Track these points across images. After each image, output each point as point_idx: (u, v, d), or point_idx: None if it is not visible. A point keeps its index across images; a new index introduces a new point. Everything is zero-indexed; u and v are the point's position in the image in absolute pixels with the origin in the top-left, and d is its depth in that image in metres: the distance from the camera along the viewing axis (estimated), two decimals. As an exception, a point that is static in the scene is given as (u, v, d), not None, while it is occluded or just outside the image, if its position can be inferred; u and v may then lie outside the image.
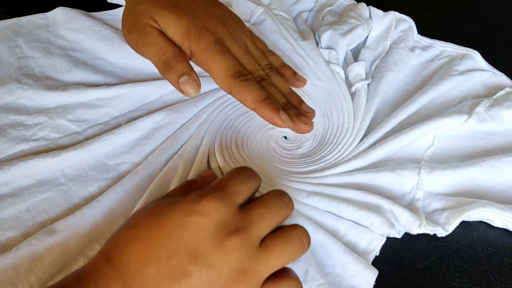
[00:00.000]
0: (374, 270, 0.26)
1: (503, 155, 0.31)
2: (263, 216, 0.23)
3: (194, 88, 0.29)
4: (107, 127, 0.34)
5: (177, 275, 0.21)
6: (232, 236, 0.21)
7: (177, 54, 0.30)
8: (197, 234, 0.21)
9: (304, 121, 0.30)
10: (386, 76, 0.36)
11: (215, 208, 0.22)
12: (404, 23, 0.41)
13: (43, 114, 0.34)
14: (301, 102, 0.32)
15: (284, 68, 0.34)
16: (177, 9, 0.31)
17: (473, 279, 0.28)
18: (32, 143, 0.32)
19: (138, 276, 0.21)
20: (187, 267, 0.21)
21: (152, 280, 0.20)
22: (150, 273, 0.21)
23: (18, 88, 0.35)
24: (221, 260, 0.21)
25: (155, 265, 0.21)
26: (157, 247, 0.21)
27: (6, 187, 0.29)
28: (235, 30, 0.32)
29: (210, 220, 0.21)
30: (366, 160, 0.32)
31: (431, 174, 0.31)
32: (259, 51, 0.34)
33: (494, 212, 0.29)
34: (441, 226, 0.28)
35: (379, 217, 0.28)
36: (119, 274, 0.21)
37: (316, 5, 0.44)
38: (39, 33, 0.39)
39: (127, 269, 0.21)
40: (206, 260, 0.21)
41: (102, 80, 0.37)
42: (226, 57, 0.30)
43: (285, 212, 0.24)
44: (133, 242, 0.21)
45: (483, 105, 0.33)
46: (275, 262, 0.22)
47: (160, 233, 0.21)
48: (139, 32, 0.30)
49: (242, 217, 0.22)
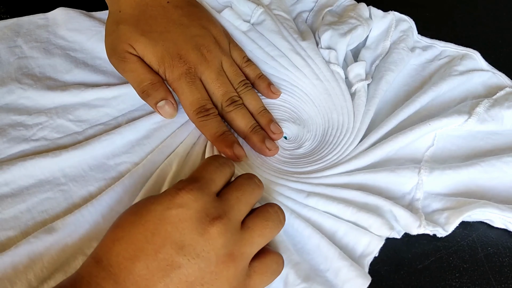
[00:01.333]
0: (367, 278, 0.26)
1: (503, 155, 0.31)
2: (240, 199, 0.24)
3: (170, 111, 0.32)
4: (107, 127, 0.34)
5: (167, 268, 0.21)
6: (215, 222, 0.22)
7: (154, 82, 0.32)
8: (181, 225, 0.22)
9: (268, 147, 0.32)
10: (386, 76, 0.36)
11: (194, 199, 0.23)
12: (404, 23, 0.41)
13: (43, 114, 0.34)
14: (270, 122, 0.33)
15: (259, 79, 0.36)
16: (153, 35, 0.32)
17: (473, 279, 0.28)
18: (32, 143, 0.32)
19: (128, 274, 0.21)
20: (175, 259, 0.21)
21: (143, 276, 0.21)
22: (139, 269, 0.21)
23: (18, 88, 0.35)
24: (207, 247, 0.22)
25: (144, 261, 0.21)
26: (143, 244, 0.21)
27: (6, 187, 0.29)
28: (210, 51, 0.33)
29: (191, 211, 0.22)
30: (366, 160, 0.32)
31: (431, 174, 0.31)
32: (234, 66, 0.35)
33: (494, 212, 0.29)
34: (441, 227, 0.28)
35: (378, 219, 0.28)
36: (110, 275, 0.21)
37: (316, 5, 0.44)
38: (39, 33, 0.39)
39: (117, 268, 0.21)
40: (194, 250, 0.22)
41: (102, 80, 0.37)
42: (193, 90, 0.32)
43: (258, 193, 0.26)
44: (119, 242, 0.22)
45: (483, 105, 0.33)
46: (258, 241, 0.24)
47: (144, 230, 0.22)
48: (118, 57, 0.33)
49: (221, 204, 0.23)
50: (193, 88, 0.32)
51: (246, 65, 0.36)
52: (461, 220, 0.28)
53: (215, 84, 0.33)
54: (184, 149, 0.32)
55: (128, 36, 0.32)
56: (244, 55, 0.36)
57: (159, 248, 0.21)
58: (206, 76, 0.33)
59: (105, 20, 0.38)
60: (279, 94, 0.36)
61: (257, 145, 0.32)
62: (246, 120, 0.33)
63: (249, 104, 0.34)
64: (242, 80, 0.34)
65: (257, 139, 0.32)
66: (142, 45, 0.32)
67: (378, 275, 0.27)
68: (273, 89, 0.35)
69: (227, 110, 0.33)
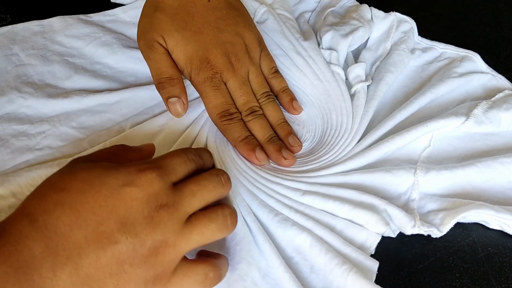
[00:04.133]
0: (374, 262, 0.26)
1: (499, 156, 0.31)
2: (194, 193, 0.24)
3: (179, 110, 0.33)
4: (111, 132, 0.33)
5: (104, 242, 0.21)
6: (161, 210, 0.22)
7: (173, 77, 0.32)
8: (130, 204, 0.22)
9: (284, 156, 0.32)
10: (385, 77, 0.36)
11: (151, 182, 0.23)
12: (406, 24, 0.41)
13: (46, 123, 0.33)
14: (289, 134, 0.33)
15: (283, 93, 0.36)
16: (187, 33, 0.32)
17: (473, 279, 0.28)
18: (36, 153, 0.32)
19: (63, 240, 0.21)
20: (115, 234, 0.21)
21: (78, 244, 0.21)
22: (76, 237, 0.21)
23: (19, 97, 0.34)
24: (146, 230, 0.22)
25: (83, 230, 0.21)
26: (88, 213, 0.21)
27: (13, 198, 0.29)
28: (238, 60, 0.33)
29: (143, 192, 0.22)
30: (362, 161, 0.32)
31: (427, 174, 0.31)
32: (260, 77, 0.35)
33: (489, 213, 0.29)
34: (435, 227, 0.28)
35: (374, 215, 0.28)
36: (43, 237, 0.21)
37: (318, 6, 0.43)
38: (35, 39, 0.38)
39: (52, 232, 0.21)
40: (134, 229, 0.22)
41: (103, 85, 0.36)
42: (217, 94, 0.32)
43: (219, 191, 0.25)
44: (62, 206, 0.21)
45: (481, 107, 0.33)
46: (196, 239, 0.23)
47: (94, 200, 0.22)
48: (147, 43, 0.33)
49: (174, 194, 0.23)
50: (218, 92, 0.32)
51: (273, 76, 0.36)
52: (456, 221, 0.28)
53: (238, 92, 0.33)
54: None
55: (163, 27, 0.32)
56: (273, 66, 0.36)
57: (102, 221, 0.21)
58: (230, 84, 0.33)
59: (103, 23, 0.38)
60: (301, 111, 0.36)
61: (273, 154, 0.32)
62: (264, 130, 0.33)
63: (269, 115, 0.34)
64: (266, 91, 0.35)
65: (273, 149, 0.32)
66: (174, 41, 0.32)
67: (378, 275, 0.26)
68: (295, 105, 0.35)
69: (246, 119, 0.33)
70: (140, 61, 0.38)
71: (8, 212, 0.28)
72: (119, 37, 0.39)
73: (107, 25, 0.41)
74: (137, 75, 0.38)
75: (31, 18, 0.40)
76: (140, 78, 0.38)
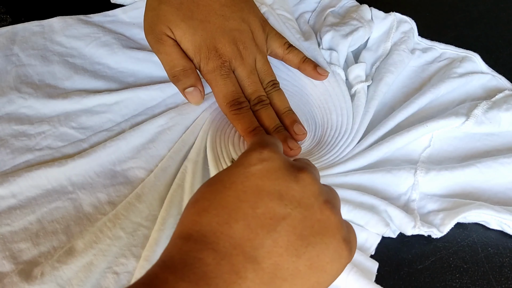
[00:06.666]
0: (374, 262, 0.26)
1: (499, 157, 0.32)
2: (310, 164, 0.24)
3: (197, 98, 0.33)
4: (111, 133, 0.34)
5: (271, 223, 0.19)
6: (303, 170, 0.21)
7: (186, 68, 0.33)
8: (272, 176, 0.20)
9: (290, 146, 0.32)
10: (385, 78, 0.36)
11: (277, 155, 0.21)
12: (406, 24, 0.41)
13: (46, 123, 0.33)
14: (294, 122, 0.34)
15: (305, 63, 0.36)
16: (193, 22, 0.32)
17: (473, 279, 0.28)
18: (36, 153, 0.32)
19: (228, 239, 0.19)
20: (277, 210, 0.19)
21: (245, 237, 0.19)
22: (240, 231, 0.19)
23: (19, 97, 0.34)
24: (307, 193, 0.20)
25: (242, 221, 0.19)
26: (236, 204, 0.19)
27: (13, 199, 0.29)
28: (246, 48, 0.33)
29: (276, 161, 0.21)
30: (362, 162, 0.32)
31: (427, 175, 0.31)
32: (266, 65, 0.35)
33: (489, 214, 0.29)
34: (436, 228, 0.29)
35: (374, 216, 0.28)
36: (206, 245, 0.19)
37: (318, 6, 0.43)
38: (35, 40, 0.38)
39: (213, 237, 0.19)
40: (293, 197, 0.20)
41: (103, 85, 0.36)
42: (227, 83, 0.32)
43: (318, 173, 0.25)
44: (205, 212, 0.19)
45: (481, 107, 0.34)
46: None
47: (233, 191, 0.20)
48: (155, 37, 0.33)
49: (296, 162, 0.22)
50: (228, 81, 0.32)
51: (288, 52, 0.36)
52: (456, 222, 0.28)
53: (246, 81, 0.33)
54: (197, 153, 0.32)
55: (169, 18, 0.32)
56: (285, 42, 0.36)
57: (256, 204, 0.19)
58: (238, 72, 0.33)
59: (103, 24, 0.38)
60: (327, 75, 0.36)
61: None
62: (270, 120, 0.33)
63: (275, 104, 0.34)
64: (272, 80, 0.35)
65: (279, 138, 0.32)
66: (181, 31, 0.32)
67: (378, 275, 0.27)
68: (320, 71, 0.36)
69: (254, 108, 0.33)
70: (140, 61, 0.38)
71: (8, 212, 0.28)
72: (119, 38, 0.39)
73: (107, 26, 0.41)
74: (137, 76, 0.38)
75: (31, 18, 0.40)
76: (140, 79, 0.38)
